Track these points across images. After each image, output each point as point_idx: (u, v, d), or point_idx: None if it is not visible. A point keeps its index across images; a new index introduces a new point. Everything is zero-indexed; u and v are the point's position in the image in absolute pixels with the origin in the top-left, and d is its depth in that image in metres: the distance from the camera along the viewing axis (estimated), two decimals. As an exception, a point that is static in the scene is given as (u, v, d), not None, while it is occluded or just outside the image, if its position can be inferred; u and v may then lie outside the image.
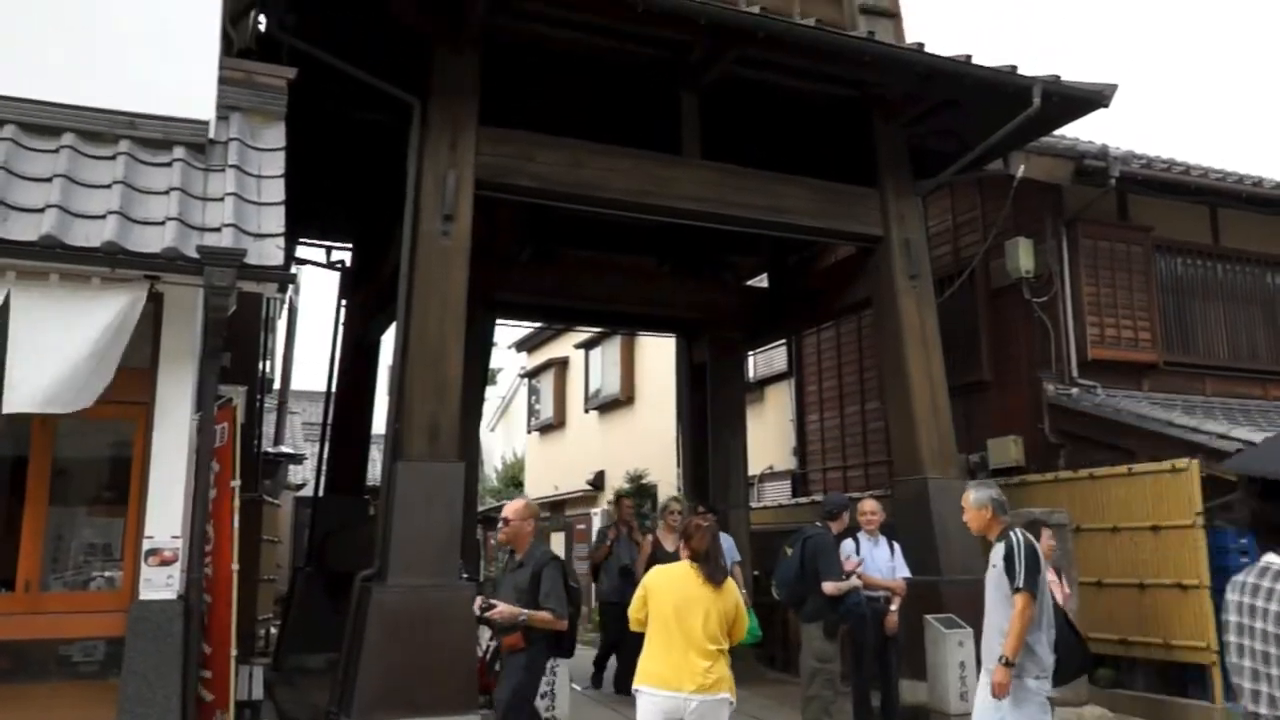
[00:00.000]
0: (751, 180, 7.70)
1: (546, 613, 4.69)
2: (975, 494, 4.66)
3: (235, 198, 5.06)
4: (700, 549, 4.26)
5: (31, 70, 5.21)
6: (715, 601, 4.17)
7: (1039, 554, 4.50)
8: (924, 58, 7.23)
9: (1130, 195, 9.73)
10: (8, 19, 5.20)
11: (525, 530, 4.95)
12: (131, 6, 5.45)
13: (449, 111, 6.76)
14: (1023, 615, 4.35)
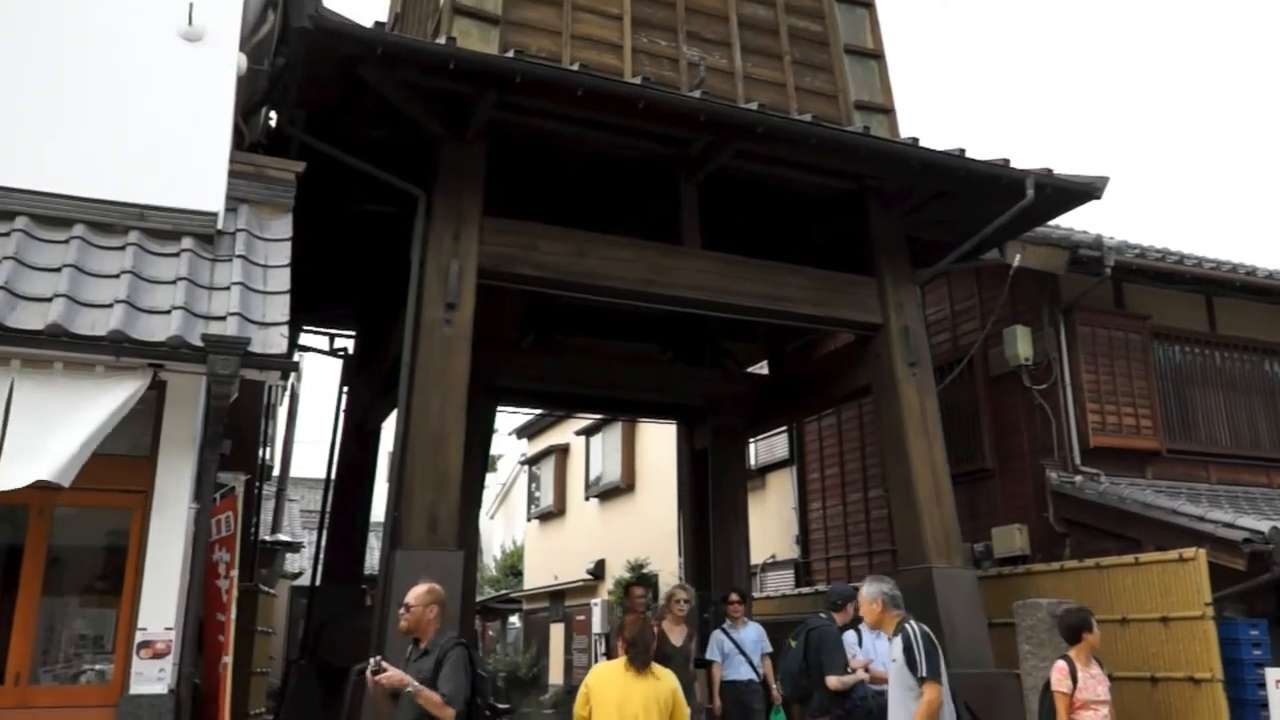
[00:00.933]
0: (751, 270, 7.80)
1: (437, 695, 4.30)
2: (867, 588, 4.78)
3: (241, 287, 5.13)
4: (630, 636, 4.33)
5: (46, 163, 5.34)
6: (653, 690, 4.27)
7: (936, 643, 4.54)
8: (918, 152, 7.40)
9: (1126, 284, 9.85)
10: (24, 112, 5.35)
11: (429, 617, 4.61)
12: (148, 102, 5.61)
13: (454, 202, 6.89)
14: (930, 704, 4.34)
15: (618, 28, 7.87)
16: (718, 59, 8.14)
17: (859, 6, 8.89)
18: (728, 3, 8.41)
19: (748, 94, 7.94)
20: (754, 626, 7.71)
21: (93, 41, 5.62)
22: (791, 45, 8.50)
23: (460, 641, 4.61)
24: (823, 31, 8.70)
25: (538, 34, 7.56)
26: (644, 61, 7.80)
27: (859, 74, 8.60)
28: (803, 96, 8.29)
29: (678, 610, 7.44)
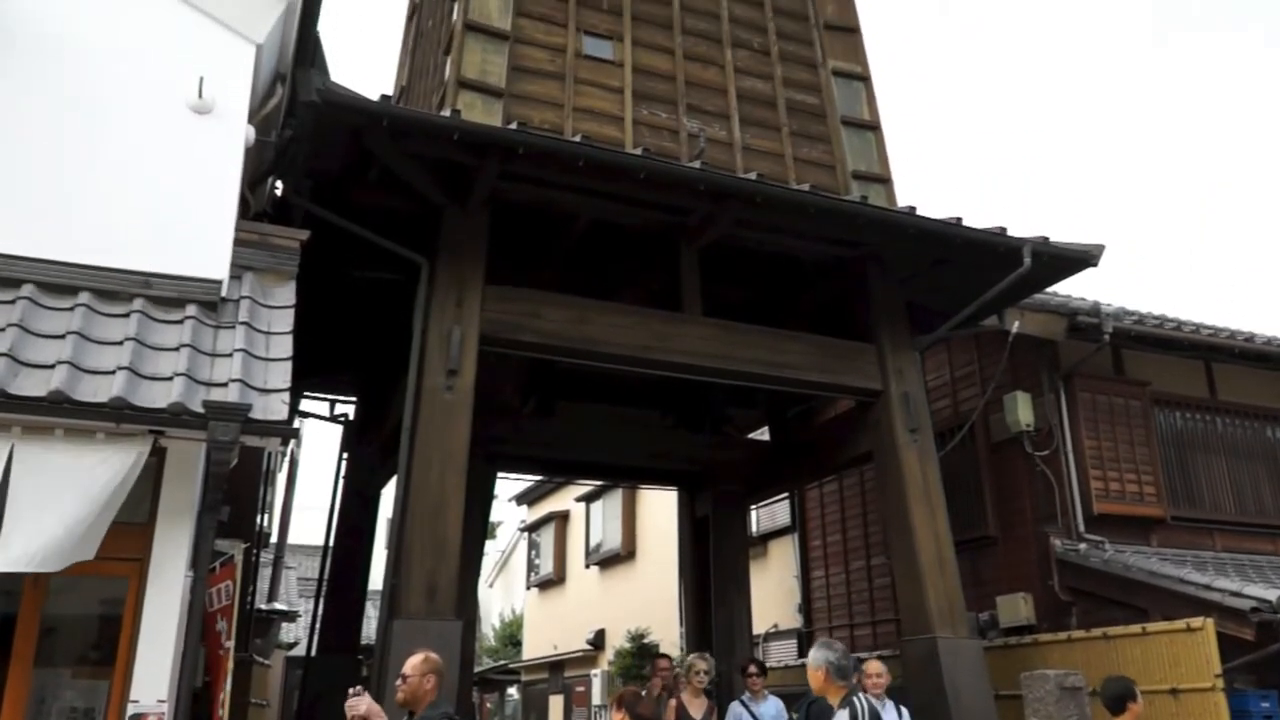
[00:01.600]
0: (751, 336, 7.84)
1: None
2: (814, 654, 4.61)
3: (244, 353, 5.15)
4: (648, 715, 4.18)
5: (53, 230, 5.40)
6: None
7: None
8: (915, 220, 7.49)
9: (1125, 350, 9.88)
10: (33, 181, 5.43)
11: (426, 687, 4.47)
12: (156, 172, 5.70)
13: (456, 270, 6.95)
14: None
15: (619, 100, 8.04)
16: (717, 130, 8.29)
17: (855, 80, 9.08)
18: (726, 77, 8.60)
19: (747, 164, 8.07)
20: (774, 701, 7.48)
21: (104, 113, 5.72)
22: (789, 117, 8.67)
23: (452, 715, 4.53)
24: (820, 104, 8.88)
25: (541, 106, 7.72)
26: (645, 133, 7.95)
27: (856, 145, 8.75)
28: (801, 167, 8.42)
29: (697, 682, 7.19)
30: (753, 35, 8.98)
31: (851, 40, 9.30)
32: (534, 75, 7.86)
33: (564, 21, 8.18)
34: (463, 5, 7.79)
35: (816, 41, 9.21)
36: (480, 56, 7.65)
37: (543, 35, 8.05)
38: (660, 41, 8.51)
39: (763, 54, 8.93)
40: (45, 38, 5.71)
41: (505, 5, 7.92)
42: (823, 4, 9.38)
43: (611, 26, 8.37)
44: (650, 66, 8.33)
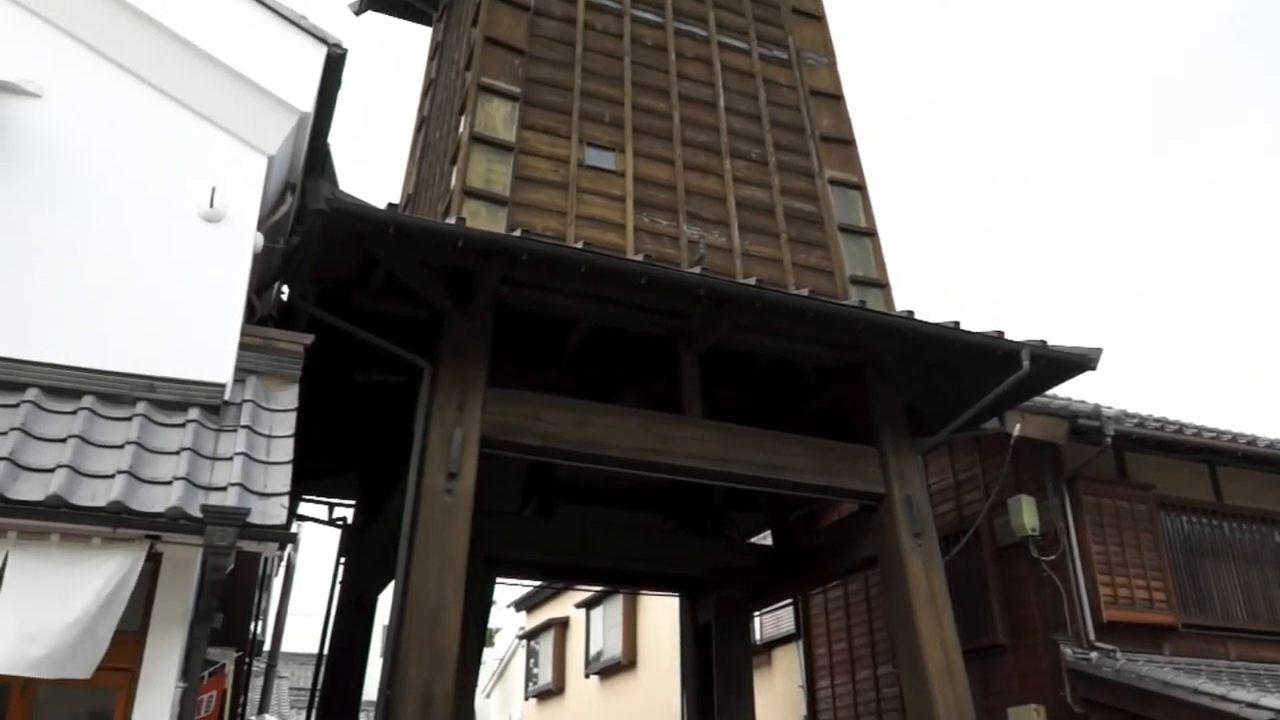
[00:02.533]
0: (751, 439, 7.83)
1: None
2: None
3: (244, 457, 5.15)
4: None
5: (60, 334, 5.46)
6: None
7: None
8: (913, 325, 7.57)
9: (1128, 453, 9.85)
10: (41, 285, 5.52)
11: None
12: (164, 277, 5.80)
13: (458, 374, 7.00)
14: None
15: (620, 208, 8.23)
16: (716, 237, 8.46)
17: (851, 189, 9.31)
18: (726, 185, 8.82)
19: (746, 269, 8.21)
20: None
21: (115, 219, 5.85)
22: (787, 224, 8.86)
23: None
24: (817, 212, 9.07)
25: (544, 214, 7.90)
26: (645, 239, 8.10)
27: (854, 250, 8.91)
28: (800, 272, 8.56)
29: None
30: (751, 146, 9.24)
31: (847, 151, 9.57)
32: (537, 184, 8.06)
33: (567, 134, 8.43)
34: (470, 118, 8.05)
35: (813, 152, 9.47)
36: (485, 166, 7.86)
37: (546, 146, 8.29)
38: (661, 152, 8.75)
39: (761, 164, 9.17)
40: (60, 146, 5.87)
41: (511, 118, 8.19)
42: (819, 118, 9.69)
43: (613, 138, 8.62)
44: (651, 176, 8.55)
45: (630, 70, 9.12)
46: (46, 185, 5.78)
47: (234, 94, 6.33)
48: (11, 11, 6.01)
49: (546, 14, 9.13)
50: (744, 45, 9.97)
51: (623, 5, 9.58)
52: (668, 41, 9.54)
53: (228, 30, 6.37)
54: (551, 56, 8.87)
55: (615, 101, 8.87)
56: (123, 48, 6.19)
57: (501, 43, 8.60)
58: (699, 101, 9.31)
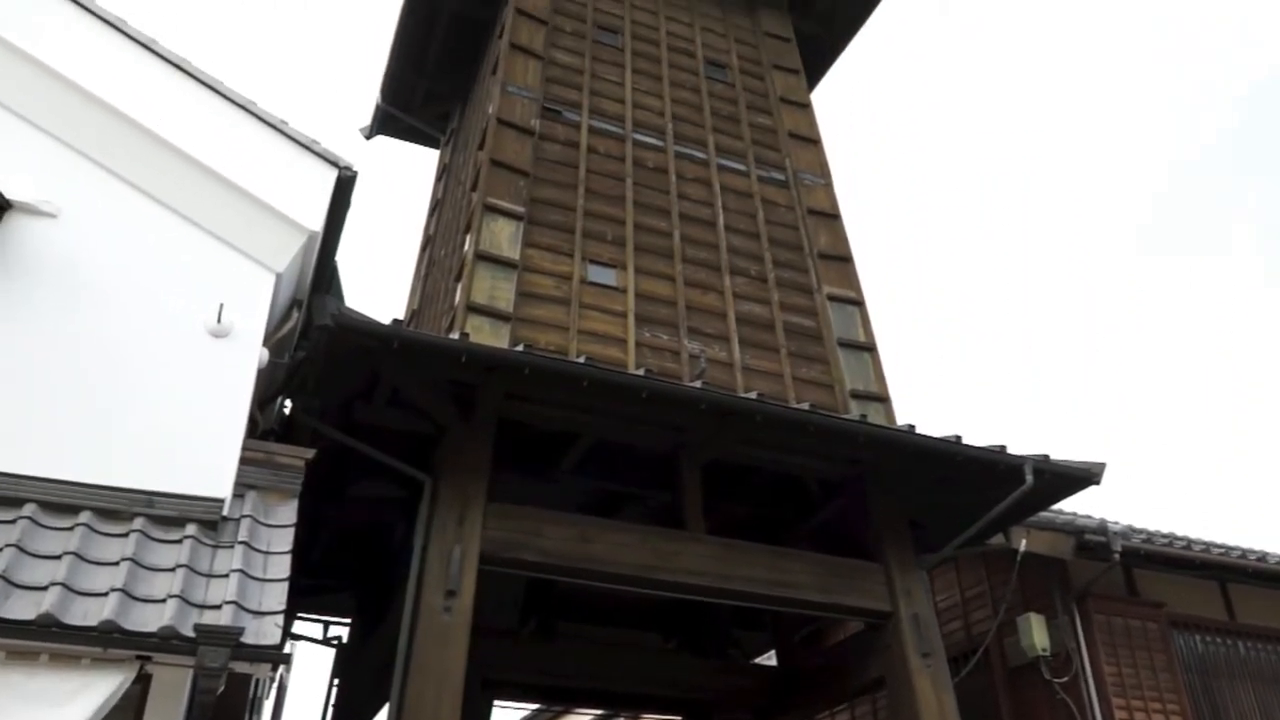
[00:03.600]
0: (754, 555, 7.73)
1: None
2: None
3: (241, 574, 5.07)
4: None
5: (60, 449, 5.46)
6: None
7: None
8: (914, 439, 7.57)
9: (1137, 570, 9.69)
10: (42, 399, 5.55)
11: None
12: (167, 392, 5.83)
13: (459, 488, 6.96)
14: None
15: (622, 324, 8.33)
16: (717, 351, 8.54)
17: (849, 304, 9.45)
18: (726, 301, 8.95)
19: (747, 383, 8.26)
20: None
21: (120, 334, 5.91)
22: (787, 339, 8.95)
23: None
24: (816, 327, 9.19)
25: (546, 329, 8.00)
26: (647, 354, 8.18)
27: (853, 365, 8.98)
28: (800, 386, 8.60)
29: None
30: (750, 263, 9.42)
31: (844, 268, 9.75)
32: (541, 300, 8.19)
33: (570, 251, 8.61)
34: (475, 237, 8.24)
35: (811, 269, 9.65)
36: (489, 283, 8.01)
37: (550, 264, 8.45)
38: (662, 269, 8.92)
39: (760, 281, 9.33)
40: (71, 263, 5.99)
41: (515, 237, 8.38)
42: (816, 236, 9.90)
43: (615, 256, 8.80)
44: (652, 292, 8.69)
45: (632, 191, 9.39)
46: (55, 301, 5.87)
47: (245, 214, 6.50)
48: (29, 133, 6.21)
49: (551, 138, 9.45)
50: (742, 167, 10.28)
51: (625, 130, 9.92)
52: (668, 164, 9.84)
53: (242, 153, 6.58)
54: (555, 178, 9.14)
55: (617, 220, 9.09)
56: (137, 168, 6.38)
57: (507, 165, 8.87)
58: (699, 220, 9.54)
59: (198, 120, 6.53)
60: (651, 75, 10.71)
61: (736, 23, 12.00)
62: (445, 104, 13.86)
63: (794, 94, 11.39)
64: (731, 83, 11.19)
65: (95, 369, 5.76)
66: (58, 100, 6.28)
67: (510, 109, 9.37)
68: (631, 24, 11.15)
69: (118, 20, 6.56)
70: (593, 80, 10.26)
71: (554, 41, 10.38)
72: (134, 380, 5.81)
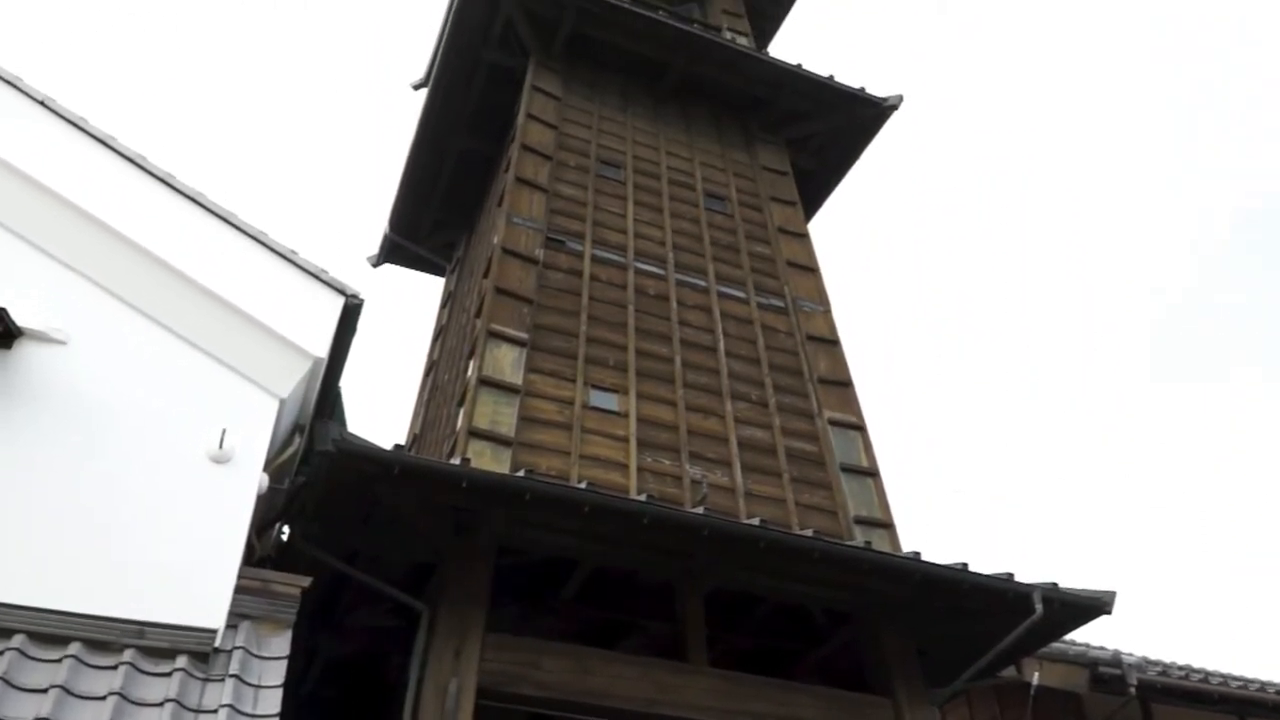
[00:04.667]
0: (759, 688, 7.50)
1: None
2: None
3: (230, 709, 4.93)
4: None
5: (51, 578, 5.37)
6: None
7: None
8: (920, 566, 7.45)
9: (1153, 703, 9.40)
10: (35, 527, 5.49)
11: None
12: (163, 520, 5.77)
13: (457, 618, 6.81)
14: None
15: (623, 448, 8.33)
16: (719, 476, 8.50)
17: (851, 429, 9.46)
18: (727, 426, 8.97)
19: (749, 509, 8.19)
20: None
21: (122, 461, 5.89)
22: (789, 464, 8.93)
23: None
24: (818, 452, 9.18)
25: (548, 454, 7.99)
26: (649, 479, 8.15)
27: (856, 490, 8.93)
28: (803, 512, 8.53)
29: None
30: (751, 389, 9.49)
31: (845, 393, 9.80)
32: (543, 425, 8.21)
33: (572, 377, 8.69)
34: (478, 362, 8.32)
35: (812, 394, 9.71)
36: (491, 408, 8.04)
37: (552, 389, 8.51)
38: (663, 394, 8.98)
39: (761, 405, 9.38)
40: (77, 389, 6.02)
41: (518, 363, 8.46)
42: (816, 361, 10.00)
43: (617, 381, 8.87)
44: (654, 417, 8.72)
45: (634, 317, 9.54)
46: (59, 427, 5.88)
47: (252, 340, 6.58)
48: (43, 261, 6.34)
49: (554, 267, 9.66)
50: (742, 295, 10.47)
51: (626, 259, 10.15)
52: (669, 291, 10.02)
53: (252, 281, 6.71)
54: (558, 305, 9.30)
55: (619, 346, 9.20)
56: (147, 295, 6.48)
57: (511, 292, 9.04)
58: (700, 346, 9.65)
59: (211, 250, 6.70)
60: (652, 207, 11.02)
61: (735, 157, 12.42)
62: (451, 233, 14.23)
63: (792, 224, 11.69)
64: (730, 214, 11.51)
65: (93, 495, 5.72)
66: (73, 230, 6.45)
67: (515, 239, 9.61)
68: (633, 159, 11.54)
69: (137, 156, 6.80)
70: (595, 211, 10.55)
71: (558, 175, 10.73)
72: (132, 506, 5.76)
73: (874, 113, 13.00)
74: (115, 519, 5.68)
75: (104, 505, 5.71)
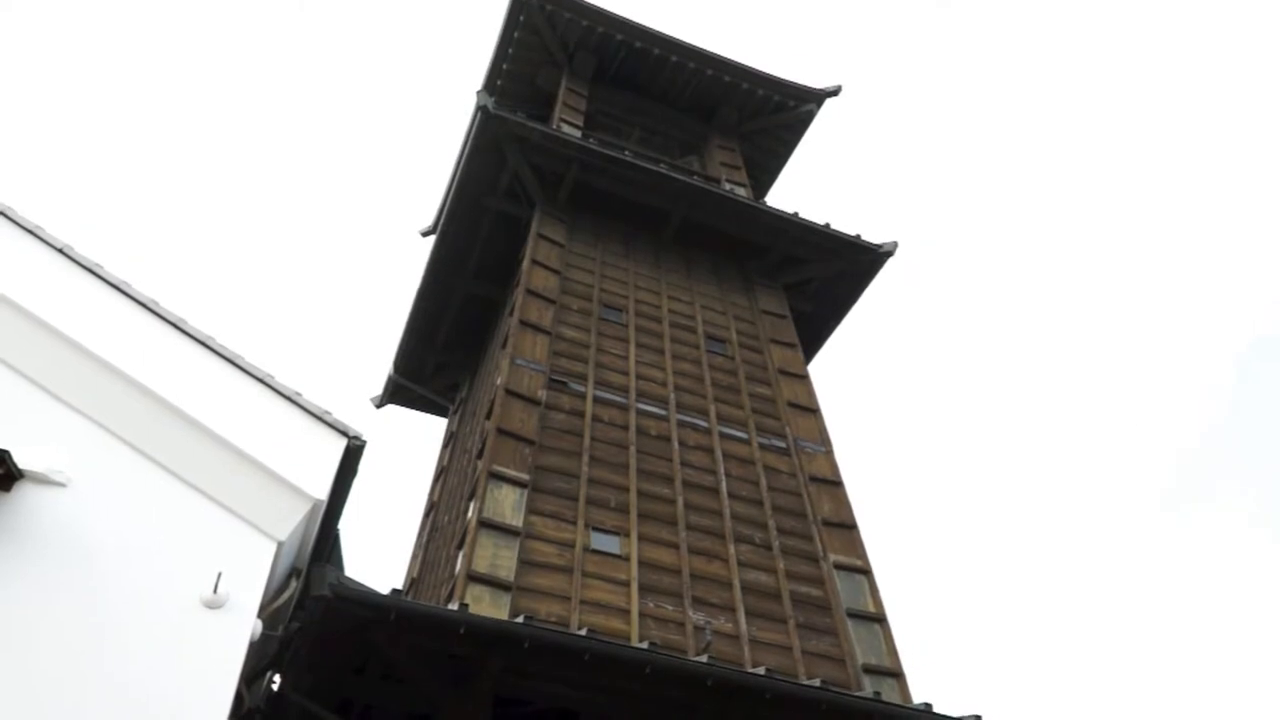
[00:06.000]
0: None
1: None
2: None
3: None
4: None
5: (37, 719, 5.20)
6: None
7: None
8: (931, 718, 7.19)
9: None
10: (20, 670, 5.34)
11: None
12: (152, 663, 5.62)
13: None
14: None
15: (625, 593, 8.17)
16: (723, 623, 8.31)
17: (857, 573, 9.30)
18: (731, 570, 8.83)
19: (754, 657, 7.97)
20: None
21: (113, 604, 5.77)
22: (795, 609, 8.74)
23: None
24: (824, 596, 8.99)
25: (548, 599, 7.83)
26: (651, 625, 7.96)
27: (864, 637, 8.71)
28: (810, 660, 8.30)
29: None
30: (754, 531, 9.38)
31: (849, 536, 9.68)
32: (543, 569, 8.08)
33: (573, 518, 8.61)
34: (479, 504, 8.26)
35: (816, 537, 9.59)
36: (492, 551, 7.94)
37: (553, 531, 8.42)
38: (665, 536, 8.87)
39: (765, 548, 9.25)
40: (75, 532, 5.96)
41: (519, 504, 8.40)
42: (819, 503, 9.93)
43: (618, 523, 8.78)
44: (656, 560, 8.59)
45: (635, 458, 9.52)
46: (55, 569, 5.79)
47: (252, 481, 6.55)
48: (48, 403, 6.39)
49: (557, 408, 9.71)
50: (744, 435, 10.48)
51: (628, 400, 10.22)
52: (671, 432, 10.04)
53: (256, 424, 6.73)
54: (560, 445, 9.30)
55: (621, 487, 9.15)
56: (150, 437, 6.49)
57: (513, 434, 9.06)
58: (702, 487, 9.60)
59: (217, 393, 6.75)
60: (654, 349, 11.17)
61: (735, 301, 12.67)
62: (454, 375, 14.37)
63: (792, 366, 11.81)
64: (731, 356, 11.65)
65: (81, 639, 5.58)
66: (81, 372, 6.52)
67: (518, 380, 9.70)
68: (635, 303, 11.77)
69: (150, 301, 6.95)
70: (598, 353, 10.69)
71: (562, 318, 10.92)
72: (120, 651, 5.61)
73: (870, 258, 13.33)
74: (101, 665, 5.53)
75: (91, 649, 5.56)
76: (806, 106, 16.15)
